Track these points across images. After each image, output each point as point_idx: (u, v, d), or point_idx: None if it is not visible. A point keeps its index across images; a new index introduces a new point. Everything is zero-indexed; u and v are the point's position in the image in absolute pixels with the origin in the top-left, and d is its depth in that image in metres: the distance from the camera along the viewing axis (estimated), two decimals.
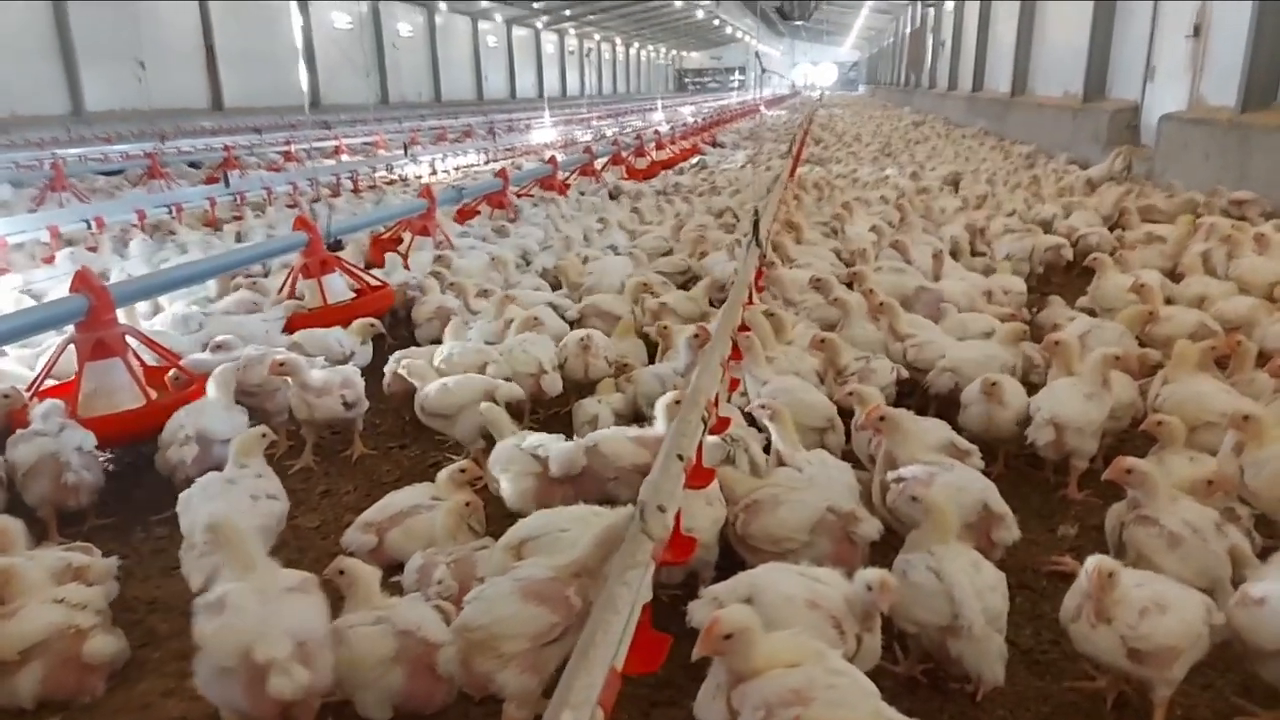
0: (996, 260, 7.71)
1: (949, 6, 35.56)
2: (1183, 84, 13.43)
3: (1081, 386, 4.20)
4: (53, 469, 4.03)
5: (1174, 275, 7.01)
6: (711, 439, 3.57)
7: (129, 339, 4.94)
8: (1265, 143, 10.22)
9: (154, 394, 4.77)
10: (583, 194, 12.64)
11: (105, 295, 4.72)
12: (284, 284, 6.59)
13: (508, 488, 3.79)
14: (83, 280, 4.76)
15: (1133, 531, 3.22)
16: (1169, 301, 6.14)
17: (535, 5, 56.68)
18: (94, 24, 28.86)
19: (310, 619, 2.72)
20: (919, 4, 41.11)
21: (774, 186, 9.10)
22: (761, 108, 44.95)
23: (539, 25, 65.58)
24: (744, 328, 5.14)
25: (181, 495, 3.71)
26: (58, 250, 8.33)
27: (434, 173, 15.92)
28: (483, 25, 58.10)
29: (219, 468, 3.83)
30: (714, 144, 24.58)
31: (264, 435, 3.92)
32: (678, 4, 55.15)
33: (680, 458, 2.68)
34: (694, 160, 19.82)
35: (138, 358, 5.01)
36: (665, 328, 5.31)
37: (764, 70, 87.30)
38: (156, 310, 6.41)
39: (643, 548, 2.20)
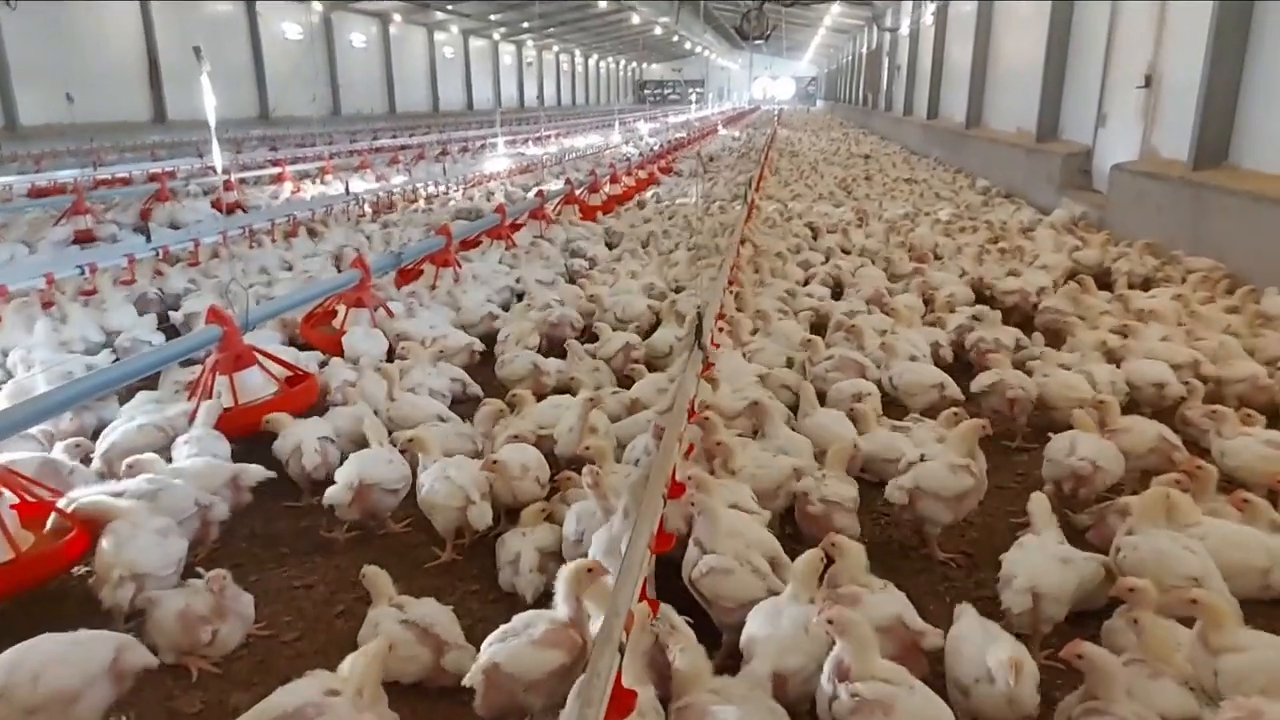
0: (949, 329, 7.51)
1: (905, 30, 35.77)
2: (1134, 133, 13.39)
3: (1049, 548, 3.90)
4: None
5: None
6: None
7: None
8: (1219, 204, 10.09)
9: (27, 544, 4.22)
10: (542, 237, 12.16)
11: None
12: (196, 383, 5.99)
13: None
14: None
15: None
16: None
17: (492, 17, 56.07)
18: (29, 37, 27.77)
19: None
20: (874, 27, 41.37)
21: (721, 267, 8.60)
22: (720, 127, 44.85)
23: (496, 37, 64.92)
24: (688, 451, 4.74)
25: None
26: None
27: (377, 214, 15.33)
28: (439, 36, 57.34)
29: None
30: (670, 171, 24.33)
31: None
32: (635, 20, 54.89)
33: None
34: (649, 192, 19.52)
35: (21, 494, 4.44)
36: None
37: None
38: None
39: None
